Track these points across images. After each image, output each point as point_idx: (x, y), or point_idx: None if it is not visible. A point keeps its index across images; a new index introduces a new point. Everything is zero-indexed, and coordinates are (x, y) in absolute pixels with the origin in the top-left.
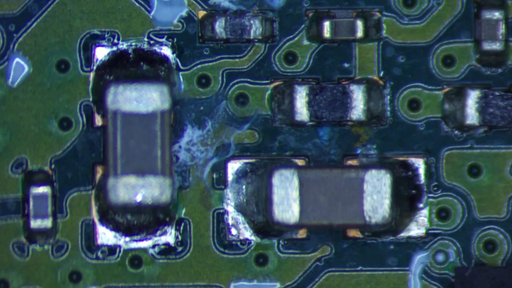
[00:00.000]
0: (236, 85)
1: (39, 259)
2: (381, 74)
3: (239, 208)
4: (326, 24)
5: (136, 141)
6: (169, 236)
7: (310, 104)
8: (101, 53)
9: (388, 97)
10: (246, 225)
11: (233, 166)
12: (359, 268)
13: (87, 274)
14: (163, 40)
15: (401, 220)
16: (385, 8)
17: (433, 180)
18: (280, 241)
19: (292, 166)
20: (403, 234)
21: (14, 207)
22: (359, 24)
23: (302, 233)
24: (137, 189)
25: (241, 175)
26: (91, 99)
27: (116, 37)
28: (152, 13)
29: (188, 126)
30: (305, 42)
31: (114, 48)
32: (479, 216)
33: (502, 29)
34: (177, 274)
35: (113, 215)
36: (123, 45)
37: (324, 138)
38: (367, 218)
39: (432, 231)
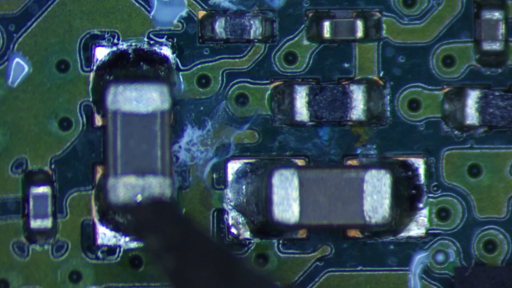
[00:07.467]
0: (236, 85)
1: (39, 259)
2: (381, 74)
3: (239, 208)
4: (326, 24)
5: (136, 141)
6: None
7: (310, 104)
8: (101, 53)
9: (388, 97)
10: (246, 225)
11: (233, 166)
12: (359, 268)
13: (87, 274)
14: (163, 40)
15: (401, 220)
16: (385, 8)
17: (433, 180)
18: (280, 241)
19: (292, 166)
20: (403, 234)
21: (14, 207)
22: (359, 24)
23: (302, 233)
24: (137, 189)
25: (241, 175)
26: (91, 99)
27: (116, 37)
28: (152, 13)
29: (188, 126)
30: (305, 42)
31: (114, 48)
32: (479, 216)
33: (502, 29)
34: None
35: (113, 215)
36: (123, 45)
37: (324, 138)
38: (367, 218)
39: (432, 231)
